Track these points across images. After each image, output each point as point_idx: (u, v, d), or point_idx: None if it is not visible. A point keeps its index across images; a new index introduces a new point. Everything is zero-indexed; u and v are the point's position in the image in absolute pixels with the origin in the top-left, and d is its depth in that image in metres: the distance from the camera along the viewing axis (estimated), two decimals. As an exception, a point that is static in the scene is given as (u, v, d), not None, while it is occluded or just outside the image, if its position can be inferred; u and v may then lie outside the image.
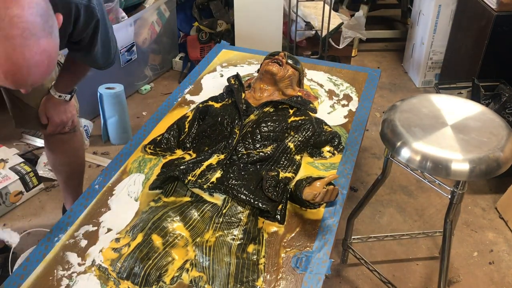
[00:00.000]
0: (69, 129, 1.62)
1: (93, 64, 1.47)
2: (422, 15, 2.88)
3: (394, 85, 3.03)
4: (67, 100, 1.54)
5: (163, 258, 1.23)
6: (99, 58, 1.42)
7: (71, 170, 1.77)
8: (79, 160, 1.79)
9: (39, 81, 1.03)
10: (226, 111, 1.65)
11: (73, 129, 1.64)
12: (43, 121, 1.55)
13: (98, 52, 1.38)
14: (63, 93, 1.52)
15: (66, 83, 1.52)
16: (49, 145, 1.70)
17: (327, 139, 1.63)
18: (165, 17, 2.96)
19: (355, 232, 1.85)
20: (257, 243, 1.29)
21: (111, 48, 1.44)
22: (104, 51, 1.40)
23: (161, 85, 3.03)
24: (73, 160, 1.75)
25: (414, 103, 1.41)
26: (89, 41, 1.33)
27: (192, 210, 1.33)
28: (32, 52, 0.96)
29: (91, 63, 1.47)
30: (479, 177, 1.22)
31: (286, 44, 2.92)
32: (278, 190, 1.39)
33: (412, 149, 1.25)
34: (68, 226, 1.36)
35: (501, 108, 2.09)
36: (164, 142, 1.64)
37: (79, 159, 1.78)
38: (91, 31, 1.31)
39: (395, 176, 2.27)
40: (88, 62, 1.47)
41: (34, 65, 0.97)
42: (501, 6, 2.25)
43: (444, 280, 1.44)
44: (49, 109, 1.53)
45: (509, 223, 2.03)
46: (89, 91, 2.45)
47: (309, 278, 1.21)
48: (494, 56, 2.36)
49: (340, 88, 1.96)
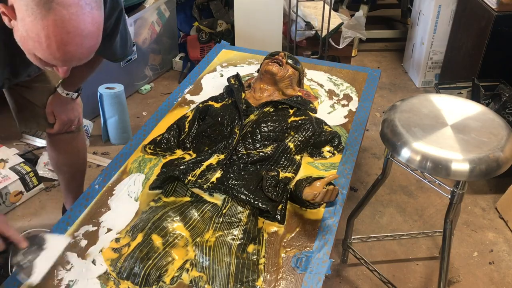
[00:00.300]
0: (74, 128, 1.62)
1: (111, 56, 1.45)
2: (422, 15, 2.88)
3: (394, 85, 3.04)
4: (74, 98, 1.54)
5: (163, 258, 1.23)
6: (118, 50, 1.41)
7: (74, 170, 1.77)
8: (82, 160, 1.79)
9: (87, 56, 1.02)
10: (226, 111, 1.65)
11: (77, 128, 1.65)
12: (51, 120, 1.55)
13: (117, 43, 1.37)
14: (70, 91, 1.52)
15: (74, 80, 1.51)
16: (52, 145, 1.69)
17: (327, 139, 1.63)
18: (165, 17, 2.96)
19: (355, 232, 1.85)
20: (257, 243, 1.29)
21: (128, 40, 1.43)
22: (122, 43, 1.39)
23: (161, 85, 3.03)
24: (75, 160, 1.75)
25: (414, 103, 1.41)
26: (111, 30, 1.32)
27: (192, 210, 1.33)
28: (86, 21, 0.96)
29: (109, 55, 1.45)
30: (479, 177, 1.22)
31: (286, 44, 2.92)
32: (278, 190, 1.39)
33: (412, 149, 1.25)
34: (68, 226, 1.36)
35: (501, 108, 2.09)
36: (164, 142, 1.64)
37: (82, 159, 1.79)
38: (114, 21, 1.30)
39: (395, 176, 2.27)
40: (106, 54, 1.44)
41: (86, 35, 0.97)
42: (501, 6, 2.25)
43: (444, 280, 1.43)
44: (56, 108, 1.53)
45: (509, 223, 2.03)
46: (89, 91, 2.44)
47: (309, 278, 1.21)
48: (494, 56, 2.36)
49: (340, 88, 1.96)
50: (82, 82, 1.55)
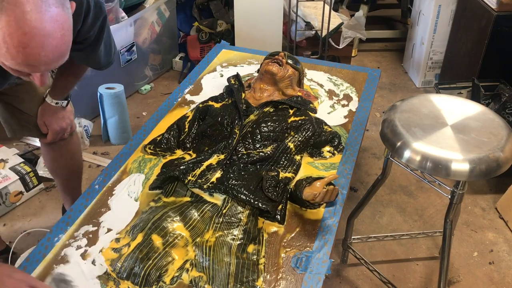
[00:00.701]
0: (67, 135, 1.61)
1: (95, 64, 1.43)
2: (422, 15, 2.88)
3: (394, 85, 3.03)
4: (63, 106, 1.53)
5: (163, 258, 1.23)
6: (102, 58, 1.39)
7: (69, 173, 1.77)
8: (77, 162, 1.78)
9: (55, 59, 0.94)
10: (226, 111, 1.65)
11: (70, 134, 1.64)
12: (43, 131, 1.54)
13: (101, 51, 1.35)
14: (59, 100, 1.51)
15: (61, 89, 1.50)
16: (46, 151, 1.69)
17: (327, 139, 1.63)
18: (165, 17, 2.96)
19: (355, 232, 1.85)
20: (257, 243, 1.29)
21: (112, 47, 1.42)
22: (106, 50, 1.38)
23: (161, 85, 3.03)
24: (70, 163, 1.74)
25: (414, 103, 1.41)
26: (95, 38, 1.29)
27: (192, 210, 1.33)
28: (44, 20, 0.89)
29: (93, 63, 1.43)
30: (479, 177, 1.22)
31: (286, 44, 2.92)
32: (278, 190, 1.39)
33: (412, 149, 1.25)
34: (68, 226, 1.36)
35: (501, 108, 2.09)
36: (164, 142, 1.63)
37: (77, 161, 1.78)
38: (98, 29, 1.27)
39: (395, 176, 2.27)
40: (89, 62, 1.42)
41: (47, 34, 0.90)
42: (501, 6, 2.25)
43: (444, 280, 1.43)
44: (47, 118, 1.52)
45: (509, 223, 2.03)
46: (89, 91, 2.45)
47: (309, 278, 1.21)
48: (494, 56, 2.36)
49: (340, 88, 1.96)
50: (69, 90, 1.53)
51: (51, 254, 1.28)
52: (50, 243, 1.31)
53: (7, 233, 1.97)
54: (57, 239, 1.32)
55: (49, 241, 1.32)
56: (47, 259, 1.27)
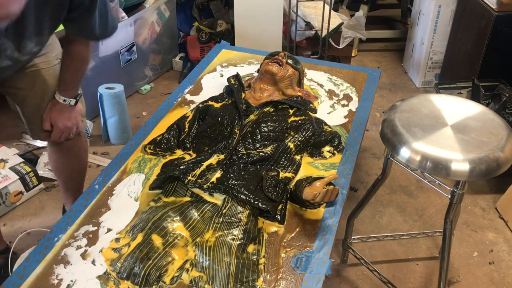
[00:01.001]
0: (73, 136, 1.61)
1: (90, 35, 1.41)
2: (422, 15, 2.88)
3: (394, 85, 3.04)
4: (72, 105, 1.52)
5: (163, 258, 1.23)
6: (96, 28, 1.37)
7: (73, 173, 1.77)
8: (82, 164, 1.78)
9: None
10: (226, 111, 1.65)
11: (77, 134, 1.64)
12: (46, 127, 1.54)
13: (95, 19, 1.34)
14: (68, 97, 1.51)
15: (67, 82, 1.50)
16: (53, 149, 1.69)
17: (327, 139, 1.63)
18: (165, 17, 2.96)
19: (355, 232, 1.85)
20: (257, 243, 1.29)
21: (108, 19, 1.40)
22: (101, 21, 1.37)
23: (161, 85, 3.03)
24: (76, 164, 1.74)
25: (414, 103, 1.41)
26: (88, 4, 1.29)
27: (192, 210, 1.33)
28: None
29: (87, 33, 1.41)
30: (479, 177, 1.22)
31: (286, 44, 2.92)
32: (278, 190, 1.39)
33: (412, 149, 1.25)
34: (68, 226, 1.36)
35: (501, 108, 2.09)
36: (164, 142, 1.63)
37: (82, 163, 1.78)
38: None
39: (395, 176, 2.27)
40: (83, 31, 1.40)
41: None
42: (501, 6, 2.25)
43: (444, 280, 1.43)
44: (53, 114, 1.52)
45: (509, 223, 2.03)
46: (89, 91, 2.44)
47: (309, 278, 1.21)
48: (494, 56, 2.36)
49: (340, 88, 1.96)
50: (77, 82, 1.52)
51: (51, 254, 1.28)
52: (50, 243, 1.31)
53: (7, 233, 1.97)
54: (57, 239, 1.32)
55: (49, 241, 1.32)
56: (47, 259, 1.27)
